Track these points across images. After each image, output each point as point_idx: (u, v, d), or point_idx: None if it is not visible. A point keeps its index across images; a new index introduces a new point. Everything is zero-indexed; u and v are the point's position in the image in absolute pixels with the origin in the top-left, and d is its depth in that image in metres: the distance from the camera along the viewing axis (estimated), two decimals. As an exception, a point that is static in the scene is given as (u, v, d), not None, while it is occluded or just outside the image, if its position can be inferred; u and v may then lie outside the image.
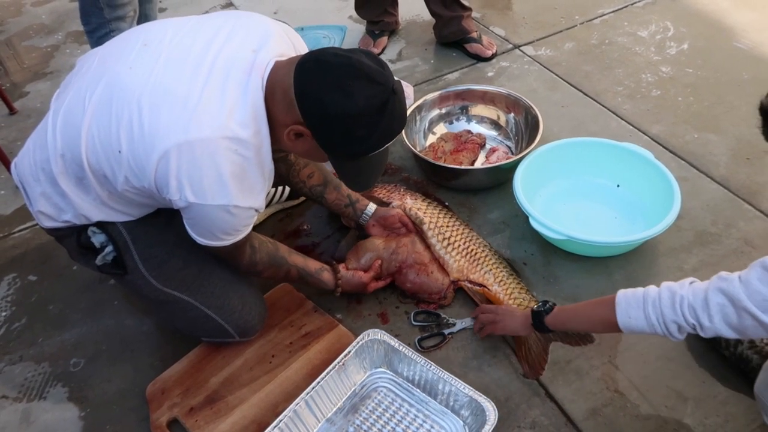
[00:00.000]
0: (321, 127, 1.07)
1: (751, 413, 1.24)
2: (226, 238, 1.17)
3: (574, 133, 1.93)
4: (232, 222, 1.13)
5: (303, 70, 1.05)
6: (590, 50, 2.38)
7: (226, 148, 1.04)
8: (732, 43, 2.33)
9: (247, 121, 1.07)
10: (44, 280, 1.70)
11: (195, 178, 1.05)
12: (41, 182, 1.19)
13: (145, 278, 1.29)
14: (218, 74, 1.07)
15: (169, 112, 1.04)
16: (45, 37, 2.90)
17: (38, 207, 1.22)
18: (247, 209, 1.12)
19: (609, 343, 1.39)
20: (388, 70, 1.08)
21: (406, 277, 1.49)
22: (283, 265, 1.35)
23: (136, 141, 1.06)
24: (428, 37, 2.54)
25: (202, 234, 1.16)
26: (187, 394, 1.35)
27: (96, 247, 1.27)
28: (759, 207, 1.68)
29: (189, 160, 1.04)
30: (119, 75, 1.10)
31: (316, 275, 1.41)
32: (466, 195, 1.80)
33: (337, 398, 1.30)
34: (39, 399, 1.42)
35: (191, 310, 1.32)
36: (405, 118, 1.13)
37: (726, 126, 1.96)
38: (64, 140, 1.13)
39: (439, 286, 1.48)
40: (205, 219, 1.11)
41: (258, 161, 1.10)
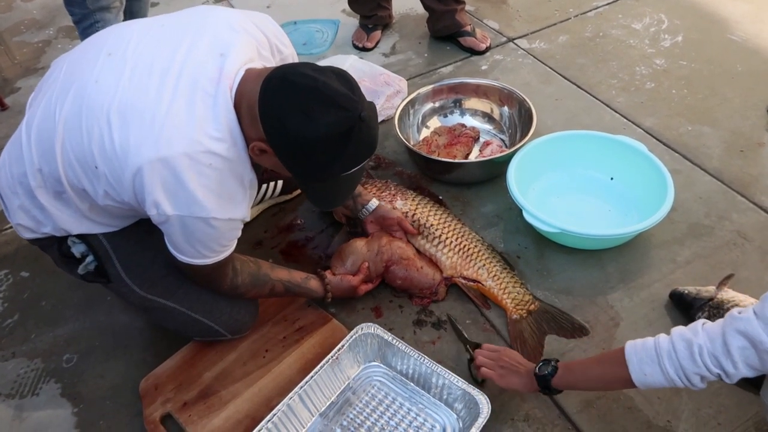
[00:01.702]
0: (282, 149, 1.04)
1: (744, 405, 1.24)
2: (209, 255, 1.14)
3: (567, 126, 1.93)
4: (213, 235, 1.10)
5: (268, 87, 1.02)
6: (584, 43, 2.38)
7: (199, 162, 1.02)
8: (726, 35, 2.33)
9: (222, 135, 1.04)
10: (36, 276, 1.70)
11: (171, 193, 1.02)
12: (19, 195, 1.16)
13: (129, 286, 1.27)
14: (185, 85, 1.04)
15: (139, 128, 1.02)
16: (36, 32, 2.88)
17: (17, 220, 1.20)
18: (227, 221, 1.10)
19: (603, 336, 1.39)
20: (359, 94, 1.03)
21: (394, 274, 1.48)
22: (267, 283, 1.32)
23: (110, 158, 1.04)
24: (422, 30, 2.53)
25: (183, 249, 1.12)
26: (181, 389, 1.34)
27: (77, 257, 1.26)
28: (752, 199, 1.68)
29: (163, 177, 1.01)
30: (86, 88, 1.07)
31: (303, 285, 1.39)
32: (459, 188, 1.80)
33: (331, 392, 1.30)
34: (32, 395, 1.41)
35: (179, 315, 1.31)
36: (374, 144, 1.08)
37: (720, 118, 1.96)
38: (40, 155, 1.10)
39: (430, 281, 1.48)
40: (186, 231, 1.08)
41: (235, 173, 1.08)
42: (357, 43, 2.47)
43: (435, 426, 1.25)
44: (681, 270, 1.52)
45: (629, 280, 1.51)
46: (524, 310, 1.42)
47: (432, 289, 1.48)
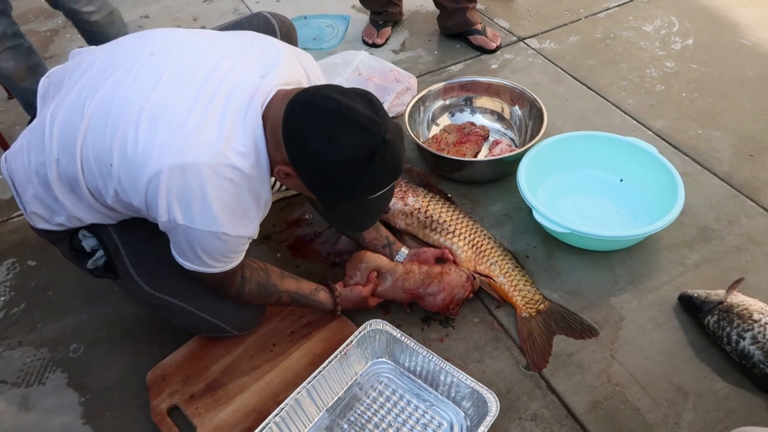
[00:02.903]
0: (304, 172, 1.03)
1: (752, 409, 1.24)
2: (215, 265, 1.13)
3: (577, 126, 1.93)
4: (221, 247, 1.09)
5: (291, 110, 1.01)
6: (595, 44, 2.37)
7: (220, 176, 1.01)
8: (737, 39, 2.33)
9: (247, 151, 1.03)
10: (44, 265, 1.69)
11: (185, 202, 1.02)
12: (34, 184, 1.16)
13: (137, 283, 1.27)
14: (221, 98, 1.04)
15: (166, 133, 1.01)
16: (44, 21, 2.87)
17: (31, 208, 1.19)
18: (237, 237, 1.09)
19: (611, 337, 1.39)
20: (383, 116, 1.01)
21: (432, 295, 1.39)
22: (274, 293, 1.31)
23: (129, 158, 1.02)
24: (432, 28, 2.53)
25: (188, 257, 1.12)
26: (188, 382, 1.34)
27: (87, 251, 1.25)
28: (762, 204, 1.68)
29: (180, 183, 1.00)
30: (121, 86, 1.06)
31: (311, 296, 1.36)
32: (468, 187, 1.79)
33: (339, 388, 1.30)
34: (38, 384, 1.41)
35: (186, 313, 1.31)
36: (399, 167, 1.06)
37: (730, 122, 1.96)
38: (60, 146, 1.10)
39: (464, 274, 1.42)
40: (193, 242, 1.07)
41: (253, 191, 1.08)
42: (367, 39, 2.46)
43: (442, 423, 1.25)
44: (690, 273, 1.51)
45: (638, 282, 1.50)
46: (534, 309, 1.42)
47: (470, 279, 1.42)
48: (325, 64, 2.16)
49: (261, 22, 1.40)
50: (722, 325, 1.31)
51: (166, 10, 2.88)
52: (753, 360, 1.26)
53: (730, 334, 1.30)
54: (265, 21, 1.40)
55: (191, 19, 2.79)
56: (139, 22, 2.81)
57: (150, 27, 2.67)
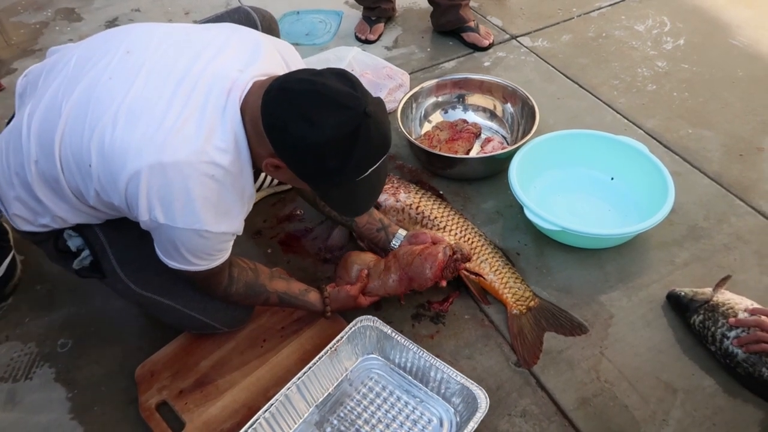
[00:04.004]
0: (291, 160, 1.01)
1: (739, 406, 1.25)
2: (199, 263, 1.11)
3: (569, 125, 1.93)
4: (204, 245, 1.08)
5: (268, 99, 0.99)
6: (587, 43, 2.38)
7: (202, 173, 1.00)
8: (728, 39, 2.34)
9: (227, 147, 1.02)
10: (31, 259, 1.67)
11: (166, 201, 1.00)
12: (15, 187, 1.13)
13: (124, 282, 1.26)
14: (200, 94, 1.02)
15: (144, 130, 0.99)
16: (34, 13, 2.84)
17: (13, 210, 1.17)
18: (220, 234, 1.07)
19: (600, 335, 1.40)
20: (362, 90, 0.99)
21: (421, 272, 1.33)
22: (262, 294, 1.29)
23: (107, 157, 1.01)
24: (425, 24, 2.52)
25: (172, 255, 1.10)
26: (177, 377, 1.33)
27: (72, 251, 1.24)
28: (750, 203, 1.69)
29: (161, 183, 0.99)
30: (97, 83, 1.04)
31: (300, 297, 1.34)
32: (460, 184, 1.79)
33: (329, 384, 1.30)
34: (25, 379, 1.40)
35: (174, 312, 1.30)
36: (387, 141, 1.03)
37: (720, 122, 1.97)
38: (38, 147, 1.07)
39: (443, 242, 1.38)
40: (176, 241, 1.06)
41: (236, 187, 1.06)
42: (360, 35, 2.46)
43: (432, 419, 1.25)
44: (679, 271, 1.52)
45: (627, 280, 1.51)
46: (524, 306, 1.42)
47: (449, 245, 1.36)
48: (318, 59, 2.16)
49: (242, 16, 1.38)
50: (707, 324, 1.32)
51: (157, 3, 2.86)
52: (737, 359, 1.26)
53: (714, 333, 1.31)
54: (246, 15, 1.39)
55: (183, 12, 2.77)
56: (130, 15, 2.78)
57: (141, 20, 2.65)
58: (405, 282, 1.36)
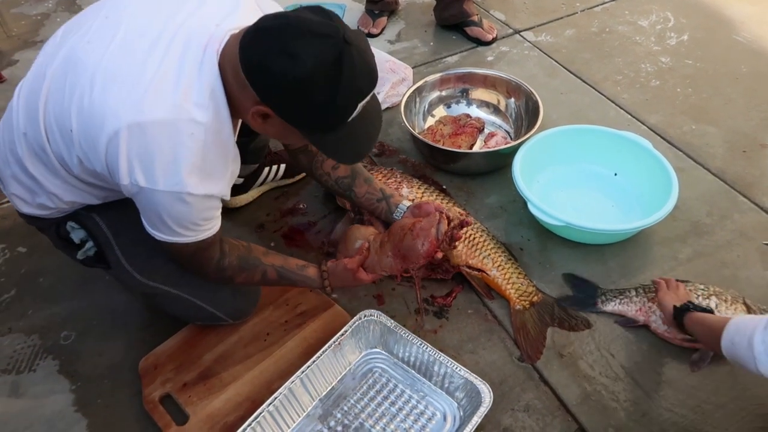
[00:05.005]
0: (278, 102, 0.96)
1: (741, 402, 1.26)
2: (185, 233, 1.08)
3: (572, 120, 1.93)
4: (187, 212, 1.04)
5: (245, 43, 0.95)
6: (590, 38, 2.37)
7: (181, 132, 0.97)
8: (731, 35, 2.34)
9: (204, 102, 0.98)
10: (34, 252, 1.67)
11: (146, 162, 0.97)
12: (10, 164, 1.14)
13: (129, 273, 1.25)
14: (176, 50, 0.99)
15: (120, 90, 0.97)
16: (34, 4, 2.82)
17: (11, 189, 1.17)
18: (203, 197, 1.03)
19: (603, 330, 1.40)
20: (338, 20, 0.95)
21: (414, 247, 1.23)
22: (258, 267, 1.24)
23: (86, 118, 0.99)
24: (428, 18, 2.51)
25: (157, 226, 1.07)
26: (181, 370, 1.34)
27: (76, 242, 1.23)
28: (753, 199, 1.69)
29: (140, 143, 0.96)
30: (76, 49, 1.03)
31: (298, 271, 1.29)
32: (463, 179, 1.79)
33: (332, 377, 1.30)
34: (28, 371, 1.40)
35: (180, 301, 1.30)
36: (373, 72, 0.98)
37: (723, 118, 1.97)
38: (26, 117, 1.07)
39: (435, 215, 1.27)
40: (158, 207, 1.02)
41: (217, 146, 1.02)
42: (362, 29, 2.45)
43: (436, 414, 1.25)
44: (682, 267, 1.53)
45: (630, 276, 1.51)
46: (527, 302, 1.43)
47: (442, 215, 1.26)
48: (321, 53, 2.15)
49: None
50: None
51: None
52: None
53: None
54: None
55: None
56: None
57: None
58: (399, 260, 1.27)
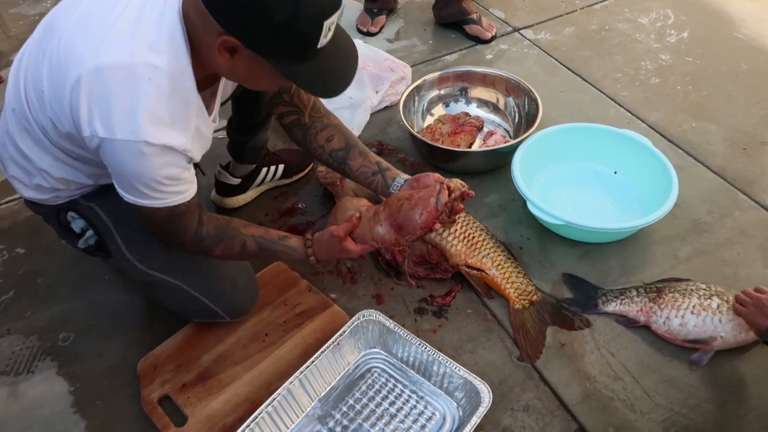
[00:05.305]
0: (239, 26, 0.92)
1: (742, 401, 1.25)
2: (152, 195, 1.04)
3: (572, 118, 1.92)
4: (146, 166, 0.99)
5: None
6: (590, 36, 2.36)
7: (139, 75, 0.95)
8: (732, 33, 2.33)
9: (160, 47, 0.96)
10: (32, 252, 1.67)
11: (104, 108, 0.95)
12: (7, 146, 1.17)
13: (129, 261, 1.25)
14: (138, 0, 0.99)
15: (83, 40, 0.97)
16: (33, 4, 2.82)
17: (10, 171, 1.21)
18: (162, 149, 0.99)
19: (603, 329, 1.39)
20: None
21: (411, 217, 1.17)
22: (236, 237, 1.20)
23: (54, 74, 0.99)
24: (427, 17, 2.51)
25: (126, 187, 1.05)
26: (179, 371, 1.33)
27: (77, 232, 1.24)
28: (754, 197, 1.69)
29: (98, 89, 0.95)
30: (55, 14, 1.05)
31: (280, 242, 1.24)
32: (463, 178, 1.73)
33: (331, 378, 1.29)
34: (27, 373, 1.39)
35: (179, 293, 1.30)
36: None
37: (723, 116, 1.96)
38: (12, 93, 1.09)
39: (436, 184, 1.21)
40: (119, 161, 1.00)
41: (179, 96, 0.99)
42: (361, 28, 2.44)
43: (435, 414, 1.25)
44: (682, 266, 1.52)
45: (630, 275, 1.51)
46: (527, 301, 1.42)
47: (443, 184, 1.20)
48: (319, 52, 2.14)
49: None
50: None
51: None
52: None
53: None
54: None
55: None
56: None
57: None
58: (394, 230, 1.19)
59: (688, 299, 1.35)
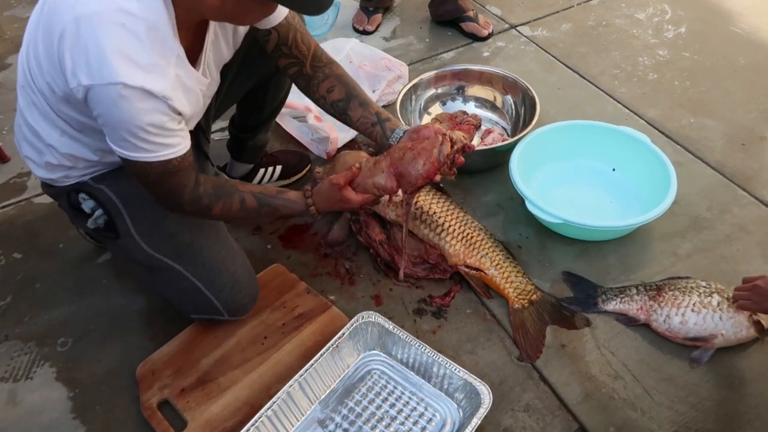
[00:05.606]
0: None
1: (743, 399, 1.25)
2: (140, 145, 1.03)
3: (570, 115, 1.92)
4: (129, 111, 0.99)
5: None
6: (587, 32, 2.36)
7: (111, 21, 0.96)
8: (729, 27, 2.32)
9: None
10: (30, 257, 1.66)
11: (82, 56, 0.97)
12: (21, 127, 1.23)
13: (137, 242, 1.27)
14: None
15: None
16: (27, 6, 2.80)
17: (24, 152, 1.26)
18: (141, 92, 0.98)
19: (603, 328, 1.39)
20: None
21: (413, 166, 1.19)
22: (235, 194, 1.20)
23: (45, 36, 1.02)
24: (423, 15, 2.50)
25: (114, 137, 1.04)
26: (178, 375, 1.33)
27: (87, 212, 1.27)
28: (753, 193, 1.68)
29: (76, 38, 0.96)
30: None
31: (279, 195, 1.24)
32: (460, 177, 1.72)
33: (331, 380, 1.29)
34: (26, 379, 1.39)
35: (182, 281, 1.30)
36: None
37: (722, 111, 1.96)
38: (20, 70, 1.14)
39: (438, 135, 1.23)
40: (104, 109, 1.00)
41: (153, 39, 0.99)
42: (357, 26, 2.43)
43: (435, 415, 1.24)
44: (682, 263, 1.52)
45: (630, 272, 1.50)
46: (526, 300, 1.42)
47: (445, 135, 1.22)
48: (316, 51, 2.13)
49: None
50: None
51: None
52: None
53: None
54: None
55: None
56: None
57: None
58: (395, 178, 1.21)
59: (688, 297, 1.34)
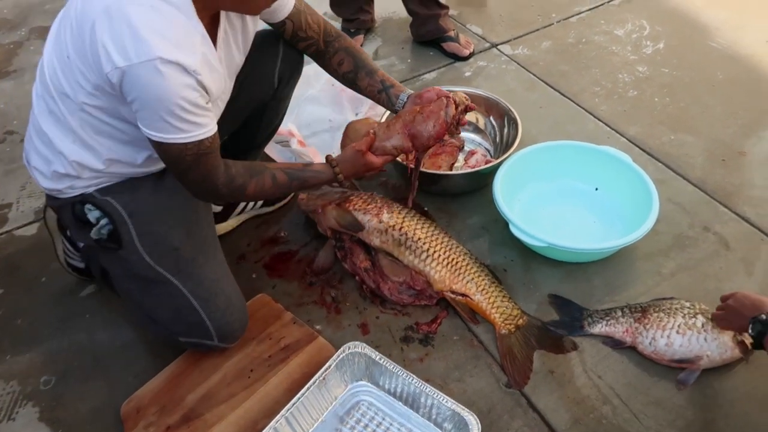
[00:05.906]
0: None
1: (730, 419, 1.25)
2: (176, 124, 1.07)
3: (552, 134, 1.93)
4: (166, 87, 1.03)
5: None
6: (567, 49, 2.38)
7: (139, 5, 1.03)
8: (707, 42, 2.35)
9: None
10: (11, 292, 1.64)
11: (116, 39, 1.02)
12: (32, 138, 1.27)
13: (139, 253, 1.28)
14: None
15: None
16: (7, 33, 2.79)
17: (32, 162, 1.30)
18: (176, 67, 1.03)
19: (590, 351, 1.39)
20: None
21: (425, 127, 1.35)
22: (265, 171, 1.29)
23: (75, 34, 1.08)
24: (405, 35, 2.51)
25: (149, 120, 1.08)
26: (163, 412, 1.31)
27: (92, 222, 1.28)
28: (734, 209, 1.70)
29: (109, 25, 1.02)
30: (63, 10, 1.16)
31: (306, 168, 1.35)
32: (444, 199, 1.78)
33: (318, 413, 1.28)
34: (8, 420, 1.36)
35: (178, 297, 1.29)
36: None
37: (701, 127, 1.98)
38: (39, 82, 1.21)
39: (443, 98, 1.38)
40: (141, 88, 1.04)
41: (180, 19, 1.06)
42: (339, 48, 2.43)
43: (424, 446, 1.24)
44: (666, 282, 1.52)
45: (615, 293, 1.51)
46: (513, 325, 1.41)
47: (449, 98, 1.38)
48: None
49: None
50: None
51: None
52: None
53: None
54: None
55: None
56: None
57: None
58: (408, 138, 1.37)
59: (673, 318, 1.35)
